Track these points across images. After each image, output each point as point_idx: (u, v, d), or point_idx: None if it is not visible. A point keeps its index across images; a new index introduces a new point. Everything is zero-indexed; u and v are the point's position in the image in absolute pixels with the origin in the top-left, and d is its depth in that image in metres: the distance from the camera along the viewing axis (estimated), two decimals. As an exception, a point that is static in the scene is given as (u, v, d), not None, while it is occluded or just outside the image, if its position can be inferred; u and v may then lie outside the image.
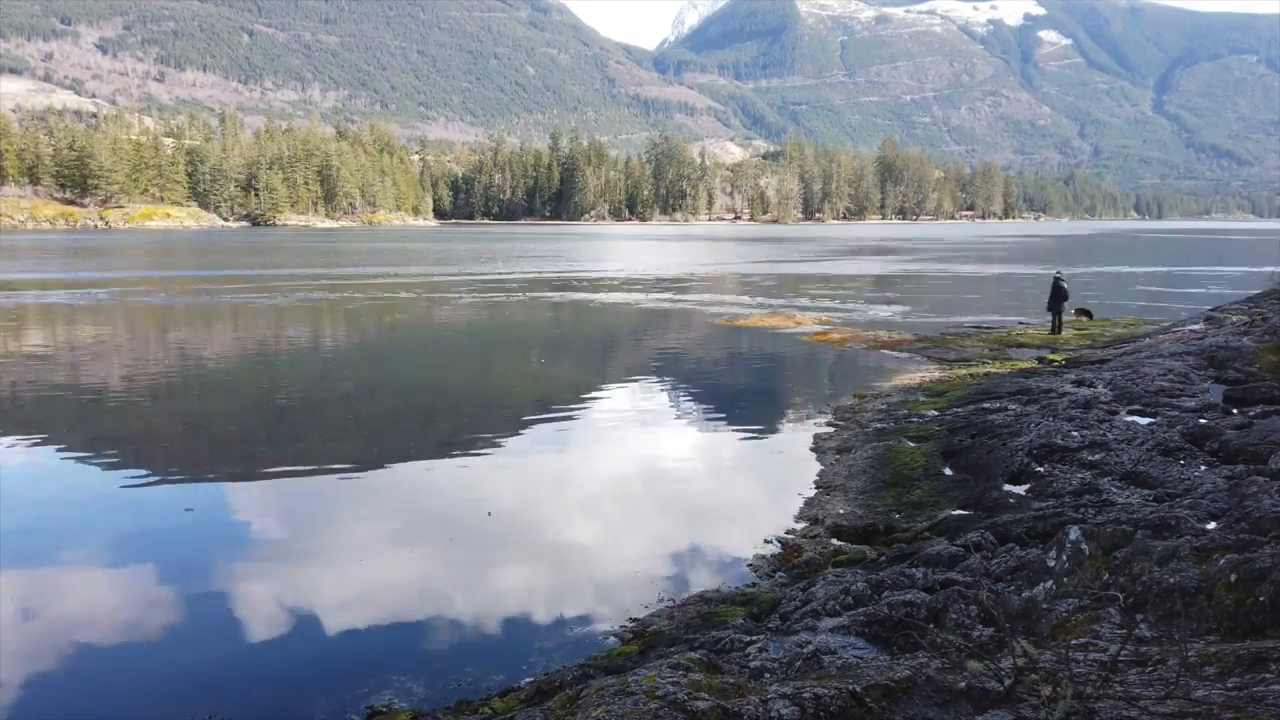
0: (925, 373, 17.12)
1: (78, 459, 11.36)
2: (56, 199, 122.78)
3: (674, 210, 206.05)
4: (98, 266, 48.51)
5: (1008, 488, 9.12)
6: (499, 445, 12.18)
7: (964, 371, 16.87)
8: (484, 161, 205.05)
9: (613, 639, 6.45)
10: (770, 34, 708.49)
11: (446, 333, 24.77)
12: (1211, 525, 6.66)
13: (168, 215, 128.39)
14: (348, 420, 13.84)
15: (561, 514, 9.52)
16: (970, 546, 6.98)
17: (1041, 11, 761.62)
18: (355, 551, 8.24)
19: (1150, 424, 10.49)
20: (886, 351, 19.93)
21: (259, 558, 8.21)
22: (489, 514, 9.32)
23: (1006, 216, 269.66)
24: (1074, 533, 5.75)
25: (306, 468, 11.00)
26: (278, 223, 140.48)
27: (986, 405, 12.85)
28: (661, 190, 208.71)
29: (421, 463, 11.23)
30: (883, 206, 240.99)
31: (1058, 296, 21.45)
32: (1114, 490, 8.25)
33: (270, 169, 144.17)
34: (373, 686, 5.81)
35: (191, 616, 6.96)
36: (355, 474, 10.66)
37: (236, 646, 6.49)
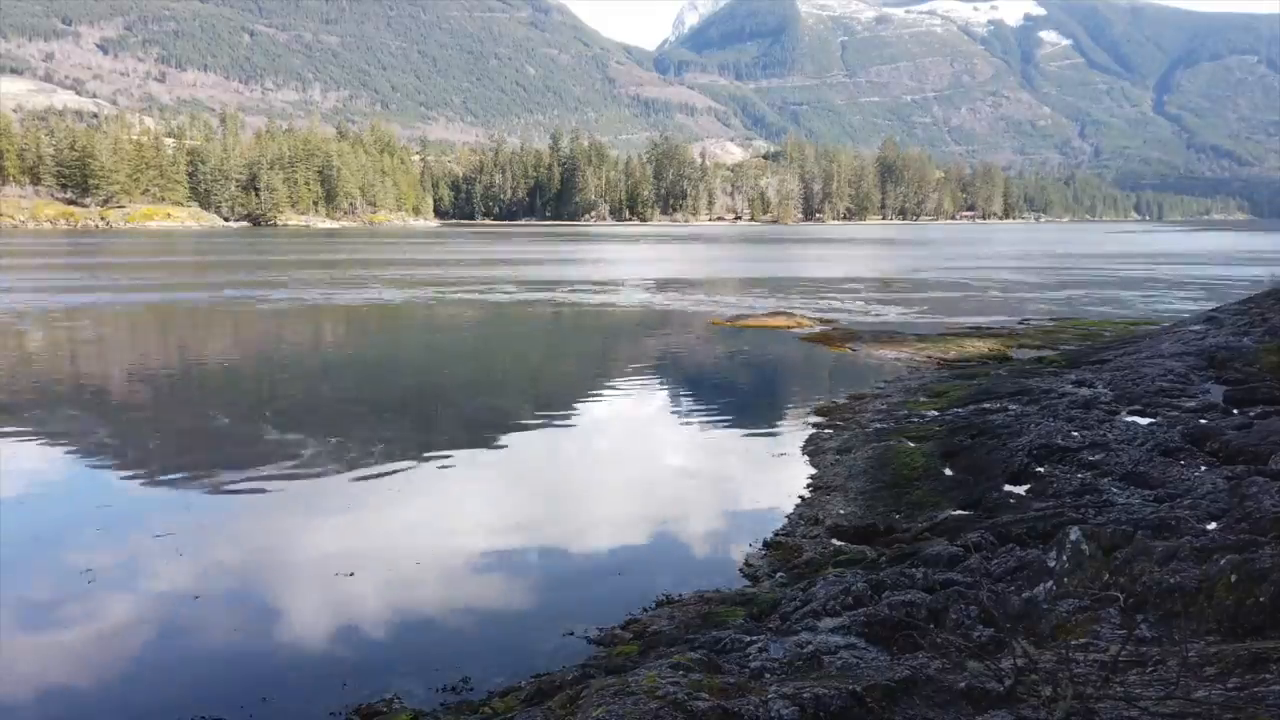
0: (925, 373, 17.11)
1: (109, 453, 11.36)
2: (58, 199, 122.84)
3: (674, 210, 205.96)
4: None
5: (1008, 488, 9.12)
6: (497, 445, 12.18)
7: (964, 371, 16.86)
8: (484, 162, 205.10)
9: (613, 639, 6.45)
10: (770, 34, 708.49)
11: (457, 331, 24.77)
12: (1212, 526, 6.66)
13: (168, 215, 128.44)
14: (345, 417, 13.84)
15: (561, 514, 9.52)
16: (970, 547, 6.98)
17: (1042, 12, 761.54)
18: (354, 551, 8.24)
19: (1150, 424, 10.48)
20: (886, 352, 19.93)
21: (258, 557, 8.21)
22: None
23: (1007, 217, 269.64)
24: (1074, 533, 5.76)
25: (308, 466, 11.00)
26: (278, 223, 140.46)
27: (986, 405, 12.84)
28: (662, 190, 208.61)
29: (420, 462, 11.22)
30: (883, 207, 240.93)
31: None
32: (1114, 490, 8.25)
33: (271, 169, 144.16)
34: (373, 686, 5.81)
35: (189, 616, 6.96)
36: (355, 474, 10.67)
37: (235, 646, 6.49)
